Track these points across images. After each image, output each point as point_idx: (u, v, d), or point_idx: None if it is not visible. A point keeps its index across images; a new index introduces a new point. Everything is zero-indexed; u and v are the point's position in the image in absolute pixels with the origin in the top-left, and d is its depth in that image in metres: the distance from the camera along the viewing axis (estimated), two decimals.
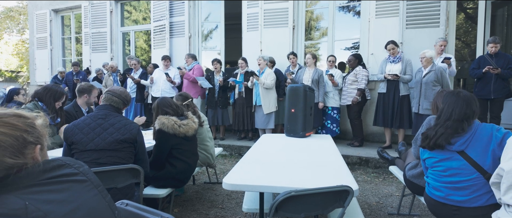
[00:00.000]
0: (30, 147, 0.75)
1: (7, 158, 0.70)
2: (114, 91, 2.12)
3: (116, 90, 2.13)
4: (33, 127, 0.78)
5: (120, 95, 2.13)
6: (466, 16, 9.47)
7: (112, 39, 7.59)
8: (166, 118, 2.39)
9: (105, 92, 2.12)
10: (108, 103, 2.07)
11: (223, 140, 5.50)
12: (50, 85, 2.82)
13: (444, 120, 1.69)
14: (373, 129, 5.15)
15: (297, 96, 3.07)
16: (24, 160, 0.73)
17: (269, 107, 5.03)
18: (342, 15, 5.87)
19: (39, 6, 8.56)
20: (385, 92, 4.58)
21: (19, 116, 0.77)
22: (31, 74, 8.86)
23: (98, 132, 1.93)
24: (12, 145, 0.71)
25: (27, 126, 0.76)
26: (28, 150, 0.75)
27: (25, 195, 0.68)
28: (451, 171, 1.66)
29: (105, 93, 2.12)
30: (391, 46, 4.54)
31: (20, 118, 0.76)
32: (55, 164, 0.79)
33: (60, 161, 0.80)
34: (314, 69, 4.95)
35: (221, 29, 6.65)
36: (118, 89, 2.16)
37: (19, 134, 0.73)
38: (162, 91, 5.66)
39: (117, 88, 2.16)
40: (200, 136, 2.98)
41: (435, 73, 3.99)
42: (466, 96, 1.69)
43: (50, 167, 0.77)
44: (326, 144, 2.67)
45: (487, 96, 4.18)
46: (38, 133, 0.79)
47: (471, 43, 8.87)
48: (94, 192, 0.81)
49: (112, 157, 1.92)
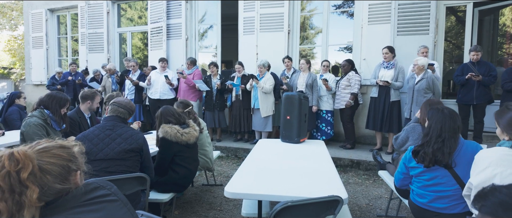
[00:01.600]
0: (73, 173, 0.89)
1: (57, 184, 0.83)
2: (120, 103, 2.24)
3: (121, 102, 2.26)
4: (74, 156, 0.92)
5: (126, 106, 2.25)
6: (457, 19, 9.73)
7: (109, 40, 7.64)
8: (169, 127, 2.53)
9: (111, 104, 2.25)
10: (115, 114, 2.20)
11: (220, 141, 5.64)
12: (54, 92, 2.92)
13: (435, 136, 1.82)
14: (365, 131, 5.34)
15: (292, 104, 3.22)
16: (69, 185, 0.87)
17: (267, 110, 5.18)
18: (336, 21, 6.03)
19: (34, 5, 8.55)
20: (376, 97, 4.76)
21: (63, 147, 0.90)
22: (27, 74, 8.86)
23: (106, 142, 2.06)
24: (60, 173, 0.85)
25: (70, 156, 0.90)
26: (71, 176, 0.88)
27: (71, 216, 0.82)
28: (435, 181, 1.84)
29: (111, 105, 2.24)
30: (385, 50, 4.69)
31: (64, 149, 0.90)
32: (92, 187, 0.93)
33: (95, 184, 0.94)
34: (308, 74, 5.11)
35: (218, 30, 6.76)
36: (123, 101, 2.29)
37: (65, 164, 0.87)
38: (160, 93, 5.76)
39: (122, 100, 2.29)
40: (200, 142, 3.12)
41: (427, 81, 4.18)
42: (450, 112, 1.86)
43: (88, 189, 0.91)
44: (319, 151, 2.83)
45: (470, 102, 4.40)
46: (78, 161, 0.92)
47: (462, 45, 9.15)
48: (124, 209, 0.95)
49: (120, 166, 2.06)
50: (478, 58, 4.38)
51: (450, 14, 8.19)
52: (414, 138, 2.39)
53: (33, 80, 8.67)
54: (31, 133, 2.60)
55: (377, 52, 4.97)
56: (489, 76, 4.28)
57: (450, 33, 9.48)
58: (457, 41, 10.25)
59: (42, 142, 0.90)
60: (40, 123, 2.66)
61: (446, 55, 8.72)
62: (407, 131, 2.48)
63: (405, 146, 2.44)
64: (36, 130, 2.61)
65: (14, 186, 0.77)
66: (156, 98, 5.79)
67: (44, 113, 2.74)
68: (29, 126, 2.61)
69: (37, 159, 0.83)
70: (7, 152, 0.80)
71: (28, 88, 8.91)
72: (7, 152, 0.80)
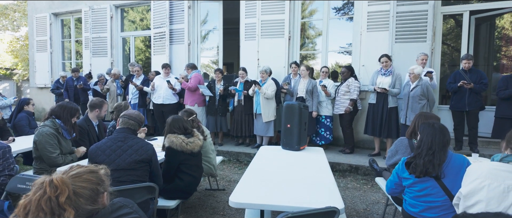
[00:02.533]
0: (101, 195, 1.02)
1: (88, 206, 0.96)
2: (130, 115, 2.37)
3: (131, 114, 2.39)
4: (102, 179, 1.05)
5: (136, 118, 2.39)
6: (456, 22, 9.85)
7: (112, 44, 7.77)
8: (175, 137, 2.66)
9: (122, 116, 2.38)
10: (126, 127, 2.33)
11: (222, 145, 5.77)
12: (64, 103, 3.03)
13: (426, 149, 1.95)
14: (364, 136, 5.46)
15: (293, 113, 3.35)
16: (98, 206, 1.00)
17: (268, 116, 5.31)
18: (335, 28, 6.15)
19: (39, 9, 8.68)
20: (374, 103, 4.89)
21: (92, 172, 1.03)
22: (31, 77, 9.00)
23: (118, 153, 2.19)
24: (91, 196, 0.98)
25: (98, 179, 1.03)
26: (99, 197, 1.01)
27: None
28: (426, 192, 1.96)
29: (121, 117, 2.37)
30: (384, 59, 4.83)
31: (93, 173, 1.03)
32: (117, 206, 1.05)
33: (120, 203, 1.07)
34: (308, 80, 5.24)
35: (220, 33, 6.89)
36: (133, 113, 2.42)
37: (94, 187, 1.00)
38: (163, 98, 5.89)
39: (132, 112, 2.42)
40: (204, 150, 3.24)
41: (421, 88, 4.31)
42: (440, 127, 1.99)
43: (114, 208, 1.04)
44: (318, 159, 2.96)
45: (463, 109, 4.54)
46: (104, 183, 1.05)
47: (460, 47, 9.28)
48: None
49: (131, 176, 2.19)
50: (470, 66, 4.51)
51: (449, 17, 8.31)
52: (403, 151, 2.51)
53: (37, 83, 8.81)
54: (44, 142, 2.73)
55: (375, 58, 5.08)
56: (481, 84, 4.42)
57: (450, 35, 9.59)
58: (456, 44, 10.38)
59: (75, 167, 1.03)
60: (52, 132, 2.79)
61: (446, 57, 8.85)
62: (396, 145, 2.60)
63: (394, 159, 2.57)
64: (48, 139, 2.75)
65: (54, 209, 0.90)
66: (159, 103, 5.92)
67: (56, 123, 2.87)
68: (41, 135, 2.74)
69: (71, 184, 0.95)
70: (47, 179, 0.93)
71: (32, 91, 9.05)
72: (48, 179, 0.93)
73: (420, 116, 2.51)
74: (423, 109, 4.30)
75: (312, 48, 8.07)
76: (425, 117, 2.46)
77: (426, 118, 2.43)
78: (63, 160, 2.80)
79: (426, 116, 2.50)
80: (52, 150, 2.74)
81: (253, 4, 6.18)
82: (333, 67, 9.68)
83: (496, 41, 6.81)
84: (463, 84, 4.42)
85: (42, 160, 2.77)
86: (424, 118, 2.43)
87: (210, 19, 7.48)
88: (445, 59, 8.72)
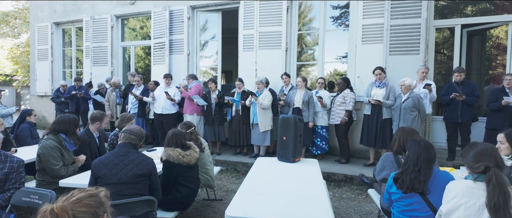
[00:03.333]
0: (101, 217, 1.12)
1: None
2: (132, 131, 2.47)
3: (133, 129, 2.49)
4: (101, 201, 1.14)
5: (137, 133, 2.49)
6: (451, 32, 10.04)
7: (112, 53, 7.89)
8: (172, 150, 2.76)
9: (123, 132, 2.48)
10: (127, 141, 2.43)
11: (220, 155, 5.86)
12: (64, 116, 3.11)
13: (412, 165, 2.05)
14: (359, 146, 5.56)
15: (288, 126, 3.45)
16: None
17: (265, 125, 5.41)
18: (331, 39, 6.30)
19: (40, 18, 8.82)
20: (369, 114, 5.01)
21: (92, 196, 1.13)
22: (32, 85, 9.10)
23: (120, 167, 2.29)
24: None
25: (98, 203, 1.13)
26: None
27: None
28: (412, 207, 2.07)
29: (123, 132, 2.47)
30: (378, 71, 4.97)
31: (93, 197, 1.13)
32: None
33: None
34: (304, 91, 5.36)
35: (219, 43, 7.05)
36: (134, 128, 2.52)
37: (93, 211, 1.10)
38: (163, 108, 5.99)
39: (133, 127, 2.52)
40: (202, 161, 3.34)
41: (412, 100, 4.44)
42: (426, 144, 2.10)
43: None
44: (313, 172, 3.06)
45: (456, 120, 4.66)
46: (104, 205, 1.15)
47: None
48: None
49: (132, 189, 2.28)
50: (462, 78, 4.65)
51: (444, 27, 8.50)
52: (389, 166, 2.61)
53: (37, 91, 8.90)
54: (47, 155, 2.83)
55: (370, 70, 5.20)
56: (473, 96, 4.55)
57: (446, 44, 9.76)
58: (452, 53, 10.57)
59: (76, 193, 1.13)
60: (56, 145, 2.89)
61: (443, 65, 9.00)
62: (383, 161, 2.70)
63: (382, 174, 2.67)
64: (52, 152, 2.85)
65: None
66: (158, 113, 6.01)
67: (59, 136, 2.96)
68: (45, 148, 2.84)
69: (71, 210, 1.05)
70: (49, 208, 1.02)
71: (32, 99, 9.14)
72: (49, 208, 1.02)
73: (401, 131, 2.62)
74: (415, 120, 4.42)
75: (309, 59, 8.22)
76: (406, 132, 2.57)
77: (405, 133, 2.54)
78: (65, 171, 2.90)
79: (405, 131, 2.61)
80: (55, 162, 2.84)
81: (251, 16, 6.33)
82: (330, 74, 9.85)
83: (488, 53, 6.97)
84: (455, 97, 4.54)
85: (45, 172, 2.86)
86: (406, 133, 2.54)
87: (210, 29, 7.65)
88: (441, 67, 8.88)
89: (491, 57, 7.00)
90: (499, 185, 1.56)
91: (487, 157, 1.75)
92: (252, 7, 6.31)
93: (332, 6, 6.95)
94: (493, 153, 1.77)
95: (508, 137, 2.44)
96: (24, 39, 18.74)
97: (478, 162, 1.76)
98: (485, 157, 1.75)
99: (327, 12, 6.15)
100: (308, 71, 9.72)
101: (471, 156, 1.75)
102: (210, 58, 8.50)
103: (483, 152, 1.77)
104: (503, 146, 2.47)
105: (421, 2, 5.17)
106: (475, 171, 1.75)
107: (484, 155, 1.76)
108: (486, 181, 1.62)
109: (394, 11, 5.32)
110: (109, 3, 7.84)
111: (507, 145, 2.43)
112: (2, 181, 2.35)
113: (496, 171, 1.62)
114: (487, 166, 1.69)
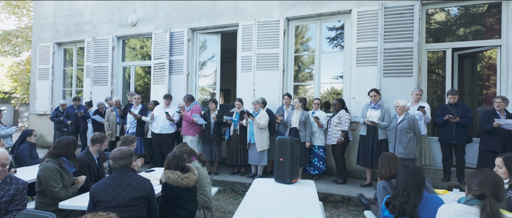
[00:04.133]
0: None
1: None
2: (115, 157, 2.50)
3: (115, 155, 2.51)
4: None
5: (125, 153, 2.50)
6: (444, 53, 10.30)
7: (113, 73, 8.03)
8: (171, 173, 2.81)
9: (112, 159, 2.53)
10: (124, 165, 2.48)
11: (217, 174, 5.88)
12: (63, 139, 3.15)
13: (402, 190, 2.12)
14: (356, 166, 5.61)
15: (285, 147, 3.52)
16: None
17: (262, 145, 5.47)
18: (327, 61, 6.47)
19: (43, 39, 9.01)
20: (365, 135, 5.09)
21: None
22: (31, 103, 9.17)
23: (118, 191, 2.34)
24: None
25: None
26: None
27: None
28: None
29: (112, 160, 2.52)
30: (373, 93, 5.09)
31: None
32: None
33: None
34: (301, 112, 5.46)
35: (218, 63, 7.22)
36: (116, 153, 2.52)
37: None
38: (161, 127, 6.05)
39: (115, 153, 2.55)
40: (200, 183, 3.38)
41: (408, 121, 4.53)
42: (414, 169, 2.17)
43: None
44: (309, 194, 3.10)
45: (450, 141, 4.74)
46: None
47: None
48: None
49: (130, 212, 2.32)
50: (455, 100, 4.77)
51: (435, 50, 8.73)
52: (381, 195, 2.65)
53: (37, 109, 8.96)
54: (47, 177, 2.87)
55: (365, 91, 5.33)
56: (466, 118, 4.65)
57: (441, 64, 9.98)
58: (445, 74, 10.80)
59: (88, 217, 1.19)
60: (56, 167, 2.93)
61: (438, 85, 9.18)
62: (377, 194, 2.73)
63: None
64: (52, 175, 2.89)
65: None
66: (157, 132, 6.07)
67: (60, 158, 3.01)
68: (45, 170, 2.88)
69: None
70: None
71: (31, 117, 9.19)
72: None
73: (382, 157, 2.71)
74: (411, 141, 4.50)
75: (306, 77, 8.38)
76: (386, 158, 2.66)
77: (386, 159, 2.63)
78: (65, 193, 2.92)
79: (385, 156, 2.70)
80: (55, 184, 2.87)
81: (250, 38, 6.53)
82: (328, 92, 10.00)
83: (481, 73, 7.15)
84: (449, 118, 4.65)
85: (45, 194, 2.89)
86: (387, 159, 2.63)
87: (209, 49, 7.83)
88: (437, 86, 9.04)
89: (483, 77, 7.18)
90: (493, 215, 1.60)
91: (489, 185, 1.76)
92: (250, 30, 6.52)
93: (328, 28, 7.18)
94: (497, 184, 1.77)
95: (506, 161, 2.50)
96: (24, 57, 18.97)
97: (479, 186, 1.79)
98: (487, 185, 1.77)
99: (322, 33, 6.36)
100: (306, 89, 9.90)
101: (476, 180, 1.79)
102: (209, 77, 8.66)
103: (489, 181, 1.78)
104: (500, 170, 2.53)
105: (413, 26, 5.37)
106: (472, 192, 1.80)
107: (488, 183, 1.78)
108: (481, 208, 1.66)
109: (387, 35, 5.52)
110: (111, 24, 8.06)
111: (505, 169, 2.50)
112: (8, 202, 2.39)
113: (492, 200, 1.65)
114: (484, 194, 1.72)
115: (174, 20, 7.32)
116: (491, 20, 6.22)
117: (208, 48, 7.82)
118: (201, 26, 7.06)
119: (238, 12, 6.71)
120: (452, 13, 7.67)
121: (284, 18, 6.29)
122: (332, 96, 10.16)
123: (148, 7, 7.63)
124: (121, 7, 7.95)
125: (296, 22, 6.45)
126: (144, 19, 7.69)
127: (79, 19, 8.49)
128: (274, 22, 6.34)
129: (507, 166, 2.49)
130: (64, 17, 8.71)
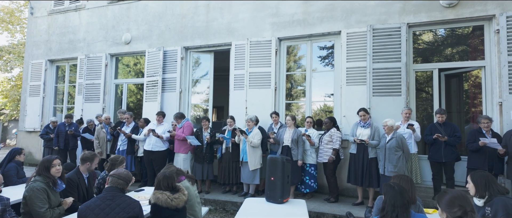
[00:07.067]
0: None
1: None
2: (119, 175, 2.52)
3: (120, 174, 2.54)
4: None
5: (124, 178, 2.53)
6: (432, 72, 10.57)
7: (105, 90, 8.02)
8: (161, 193, 2.79)
9: (111, 175, 2.52)
10: (114, 186, 2.47)
11: (208, 193, 5.81)
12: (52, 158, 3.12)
13: (390, 211, 2.14)
14: (348, 185, 5.61)
15: (276, 166, 3.54)
16: None
17: (254, 164, 5.46)
18: (318, 79, 6.60)
19: (35, 56, 9.00)
20: (355, 153, 5.14)
21: None
22: (21, 120, 9.03)
23: (107, 212, 2.31)
24: None
25: None
26: None
27: None
28: None
29: (110, 176, 2.52)
30: (362, 113, 5.19)
31: None
32: None
33: None
34: (293, 130, 5.50)
35: (211, 81, 7.28)
36: (122, 172, 2.57)
37: None
38: (153, 145, 6.00)
39: (121, 171, 2.57)
40: (190, 203, 3.33)
41: (396, 140, 4.60)
42: (400, 189, 2.20)
43: None
44: (300, 214, 3.10)
45: (439, 160, 4.82)
46: None
47: None
48: None
49: None
50: (443, 119, 4.88)
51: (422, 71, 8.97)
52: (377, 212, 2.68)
53: (26, 126, 8.83)
54: (34, 197, 2.82)
55: (356, 110, 5.40)
56: (454, 137, 4.75)
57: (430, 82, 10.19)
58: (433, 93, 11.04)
59: None
60: (43, 187, 2.89)
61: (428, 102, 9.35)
62: (375, 205, 2.75)
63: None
64: (38, 194, 2.84)
65: None
66: (148, 150, 6.02)
67: (46, 176, 2.97)
68: (32, 190, 2.84)
69: None
70: None
71: (20, 134, 9.03)
72: None
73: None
74: (400, 160, 4.55)
75: (299, 95, 8.48)
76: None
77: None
78: (51, 214, 2.87)
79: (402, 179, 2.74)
80: (41, 205, 2.82)
81: (242, 57, 6.64)
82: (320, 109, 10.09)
83: (468, 92, 7.34)
84: (437, 137, 4.74)
85: (31, 216, 2.83)
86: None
87: (202, 67, 7.91)
88: (427, 104, 9.21)
89: (470, 95, 7.36)
90: None
91: (462, 201, 1.85)
92: (243, 49, 6.64)
93: (319, 47, 7.34)
94: (467, 199, 1.88)
95: (472, 177, 2.61)
96: (15, 73, 18.82)
97: (454, 207, 1.86)
98: (460, 202, 1.85)
99: (313, 52, 6.51)
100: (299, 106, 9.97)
101: (446, 201, 1.86)
102: (202, 94, 8.71)
103: (459, 197, 1.88)
104: (468, 185, 2.66)
105: (401, 47, 5.54)
106: (452, 215, 1.85)
107: (460, 199, 1.87)
108: None
109: (376, 55, 5.67)
110: (105, 42, 8.12)
111: (472, 184, 2.59)
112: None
113: (473, 216, 1.72)
114: (465, 211, 1.78)
115: (168, 39, 7.42)
116: (475, 41, 6.45)
117: (201, 66, 7.90)
118: (195, 45, 7.17)
119: (231, 32, 6.85)
120: (439, 34, 7.93)
121: (276, 38, 6.43)
122: (325, 113, 10.26)
123: (142, 26, 7.74)
124: (115, 26, 8.04)
125: (288, 42, 6.60)
126: (138, 38, 7.78)
127: (72, 37, 8.54)
128: (266, 42, 6.48)
129: (474, 182, 2.59)
130: (57, 35, 8.75)
